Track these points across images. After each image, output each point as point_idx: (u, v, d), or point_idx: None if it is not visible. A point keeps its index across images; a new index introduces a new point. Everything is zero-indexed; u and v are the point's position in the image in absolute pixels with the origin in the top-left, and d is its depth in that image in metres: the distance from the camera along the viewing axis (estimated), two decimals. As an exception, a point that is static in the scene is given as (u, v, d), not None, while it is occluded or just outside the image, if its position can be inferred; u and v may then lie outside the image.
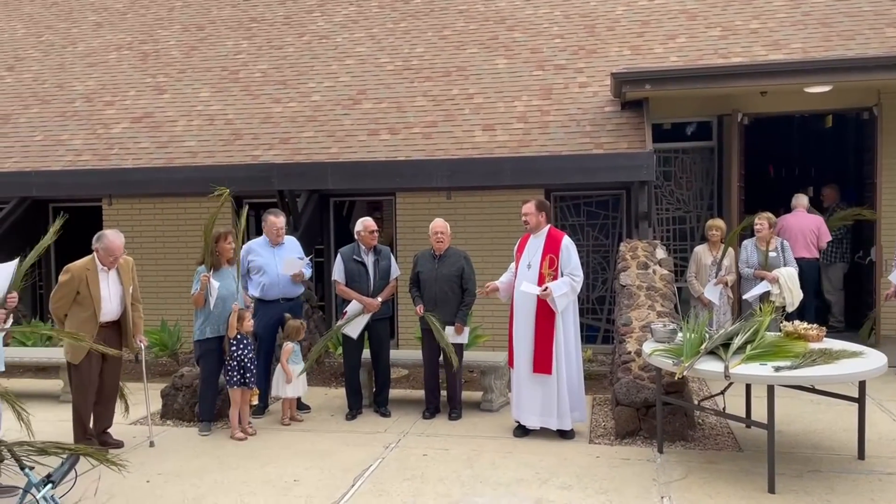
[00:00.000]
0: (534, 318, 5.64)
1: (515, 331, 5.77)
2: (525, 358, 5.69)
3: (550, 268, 5.65)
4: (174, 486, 4.84)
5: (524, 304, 5.70)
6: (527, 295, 5.65)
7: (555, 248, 5.69)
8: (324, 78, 10.30)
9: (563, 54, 9.99)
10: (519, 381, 5.75)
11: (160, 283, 9.61)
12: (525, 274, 5.72)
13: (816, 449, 5.31)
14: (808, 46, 9.04)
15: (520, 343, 5.72)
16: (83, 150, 9.53)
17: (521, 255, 5.86)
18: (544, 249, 5.71)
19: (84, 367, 5.45)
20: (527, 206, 5.82)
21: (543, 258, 5.68)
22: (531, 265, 5.71)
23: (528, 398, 5.69)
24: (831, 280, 8.98)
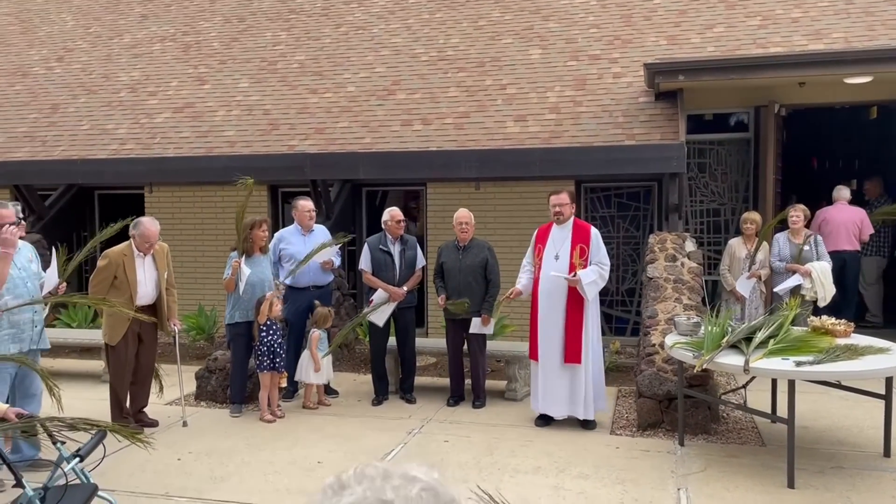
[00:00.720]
0: (564, 307, 5.66)
1: (542, 322, 5.76)
2: (555, 348, 5.70)
3: (581, 257, 5.68)
4: (203, 465, 5.03)
5: (553, 294, 5.71)
6: (556, 285, 5.66)
7: (585, 238, 5.73)
8: (359, 69, 10.42)
9: (599, 44, 9.92)
10: (545, 372, 5.75)
11: (198, 268, 9.88)
12: (553, 264, 5.73)
13: (841, 445, 5.25)
14: (851, 36, 8.81)
15: (547, 333, 5.72)
16: (127, 139, 9.83)
17: (543, 247, 5.85)
18: (573, 239, 5.73)
19: (121, 348, 5.68)
20: (560, 198, 5.82)
21: (573, 248, 5.70)
22: (559, 256, 5.73)
23: (556, 389, 5.71)
24: (865, 274, 8.79)
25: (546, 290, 5.74)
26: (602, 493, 4.48)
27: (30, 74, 12.13)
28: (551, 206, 5.84)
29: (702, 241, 9.01)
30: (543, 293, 5.75)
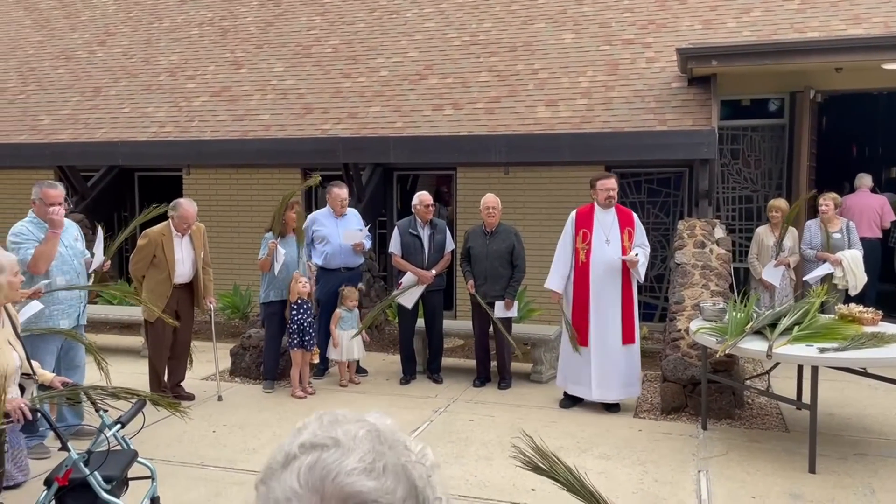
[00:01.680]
0: (620, 289, 5.77)
1: (596, 305, 5.75)
2: (613, 330, 5.75)
3: (629, 241, 5.84)
4: (236, 437, 5.24)
5: (607, 277, 5.76)
6: (610, 268, 5.75)
7: (630, 222, 5.91)
8: (392, 53, 10.51)
9: (632, 29, 9.86)
10: (601, 355, 5.73)
11: (234, 249, 10.13)
12: (605, 248, 5.78)
13: (866, 433, 5.25)
14: (891, 20, 8.63)
15: (604, 317, 5.75)
16: (166, 122, 10.08)
17: (589, 231, 5.84)
18: (620, 224, 5.85)
19: (159, 325, 5.90)
20: (612, 182, 5.92)
21: (622, 232, 5.82)
22: (610, 240, 5.80)
23: (613, 372, 5.73)
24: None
25: (599, 274, 5.77)
26: (623, 473, 4.57)
27: (73, 58, 12.46)
28: (604, 191, 5.85)
29: (733, 228, 8.96)
30: (596, 277, 5.78)
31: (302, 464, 0.75)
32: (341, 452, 0.75)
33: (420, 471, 0.78)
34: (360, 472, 0.73)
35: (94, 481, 3.05)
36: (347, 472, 0.73)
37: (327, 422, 0.80)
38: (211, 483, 4.44)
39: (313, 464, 0.75)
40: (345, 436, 0.77)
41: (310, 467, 0.74)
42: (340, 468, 0.73)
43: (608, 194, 5.84)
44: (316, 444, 0.77)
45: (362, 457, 0.75)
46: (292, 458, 0.77)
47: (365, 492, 0.72)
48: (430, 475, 0.79)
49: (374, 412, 0.84)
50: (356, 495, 0.72)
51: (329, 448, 0.76)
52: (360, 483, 0.72)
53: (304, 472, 0.74)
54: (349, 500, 0.72)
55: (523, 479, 4.48)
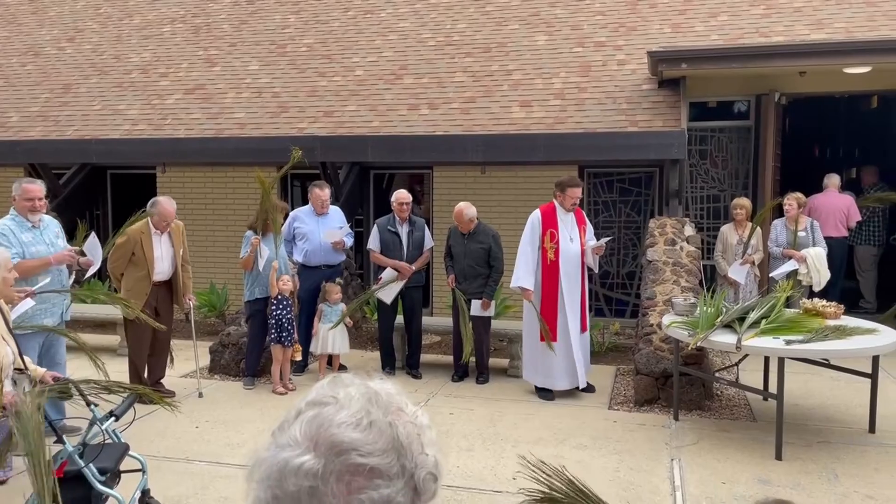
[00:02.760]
0: (580, 281, 6.25)
1: (566, 300, 6.12)
2: (575, 321, 6.17)
3: (584, 237, 6.31)
4: (219, 432, 5.29)
5: (573, 273, 6.19)
6: (574, 265, 6.17)
7: (584, 221, 6.40)
8: (367, 52, 10.58)
9: (604, 31, 10.06)
10: (567, 346, 6.09)
11: (209, 247, 10.11)
12: (570, 246, 6.19)
13: (829, 422, 5.49)
14: (852, 26, 8.96)
15: (571, 310, 6.15)
16: (139, 120, 10.02)
17: (556, 231, 6.17)
18: (578, 223, 6.30)
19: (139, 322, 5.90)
20: (580, 191, 6.33)
21: (580, 230, 6.29)
22: (573, 238, 6.22)
23: (581, 358, 6.16)
24: (860, 261, 9.02)
25: (567, 270, 6.17)
26: (599, 462, 4.73)
27: (41, 54, 12.30)
28: (572, 198, 6.22)
29: (701, 227, 9.21)
30: (565, 273, 6.16)
31: (305, 416, 0.88)
32: (337, 408, 0.87)
33: (409, 429, 0.88)
34: (348, 426, 0.85)
35: (90, 473, 3.10)
36: (338, 424, 0.85)
37: (332, 383, 0.92)
38: (197, 477, 4.49)
39: (313, 417, 0.87)
40: (344, 395, 0.89)
41: (310, 420, 0.87)
42: (332, 421, 0.85)
43: (574, 201, 6.26)
44: (319, 402, 0.89)
45: (353, 413, 0.86)
46: (300, 412, 0.89)
47: (347, 441, 0.84)
48: (419, 433, 0.89)
49: (379, 377, 0.96)
50: (340, 444, 0.84)
51: (328, 405, 0.88)
52: (346, 434, 0.84)
53: (304, 424, 0.87)
54: (334, 448, 0.84)
55: (504, 468, 4.63)
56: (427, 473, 0.86)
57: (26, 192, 4.88)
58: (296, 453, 0.84)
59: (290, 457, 0.83)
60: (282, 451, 0.85)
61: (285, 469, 0.83)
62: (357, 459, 0.83)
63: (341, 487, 0.82)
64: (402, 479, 0.85)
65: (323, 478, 0.82)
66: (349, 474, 0.83)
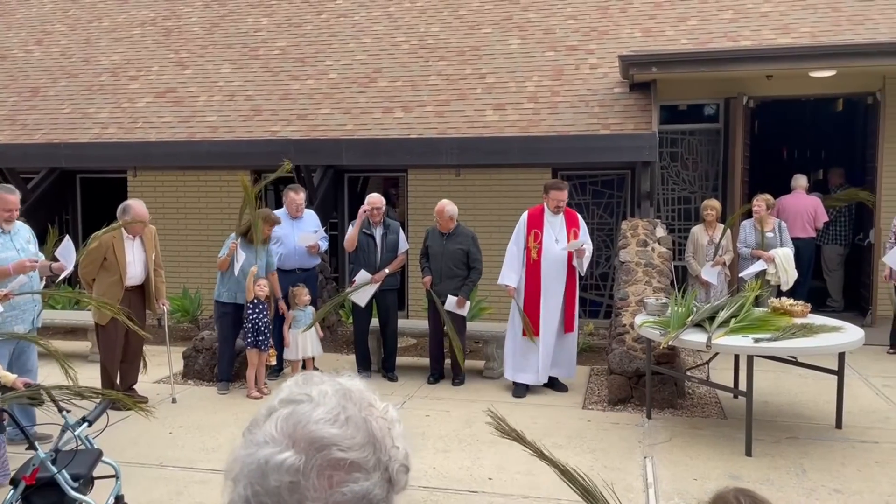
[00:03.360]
0: (565, 282, 6.31)
1: (546, 298, 6.27)
2: (554, 321, 6.28)
3: (575, 240, 6.37)
4: (194, 438, 5.25)
5: (558, 272, 6.28)
6: (557, 265, 6.26)
7: (576, 224, 6.44)
8: (341, 56, 10.57)
9: (576, 35, 10.17)
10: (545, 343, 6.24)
11: (181, 252, 10.02)
12: (554, 247, 6.28)
13: (797, 418, 5.61)
14: (818, 31, 9.16)
15: (550, 309, 6.27)
16: (109, 124, 9.91)
17: (540, 231, 6.32)
18: (567, 225, 6.37)
19: (111, 327, 5.85)
20: (564, 194, 6.41)
21: (569, 232, 6.34)
22: (558, 240, 6.32)
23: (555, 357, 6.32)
24: (827, 261, 9.22)
25: (549, 270, 6.27)
26: (574, 461, 4.76)
27: (8, 57, 12.11)
28: (555, 201, 6.32)
29: (673, 228, 9.34)
30: (547, 273, 6.28)
31: (280, 414, 0.89)
32: (312, 405, 0.89)
33: (381, 423, 0.91)
34: (325, 422, 0.87)
35: (62, 479, 3.07)
36: (315, 420, 0.87)
37: (304, 381, 0.94)
38: (171, 482, 4.46)
39: (289, 414, 0.89)
40: (318, 393, 0.91)
41: (285, 417, 0.89)
42: (310, 418, 0.88)
43: (557, 203, 6.35)
44: (292, 399, 0.91)
45: (329, 409, 0.88)
46: (273, 410, 0.91)
47: (328, 437, 0.86)
48: (390, 427, 0.92)
49: (347, 374, 0.98)
50: (320, 439, 0.86)
51: (303, 402, 0.90)
52: (325, 430, 0.86)
53: (280, 421, 0.89)
54: (314, 444, 0.86)
55: (480, 469, 4.66)
56: (400, 465, 0.89)
57: (4, 202, 4.82)
58: (276, 450, 0.85)
59: (271, 453, 0.85)
60: (261, 448, 0.86)
61: (266, 466, 0.85)
62: (337, 454, 0.85)
63: (322, 482, 0.84)
64: (378, 472, 0.87)
65: (304, 473, 0.84)
66: (330, 468, 0.85)
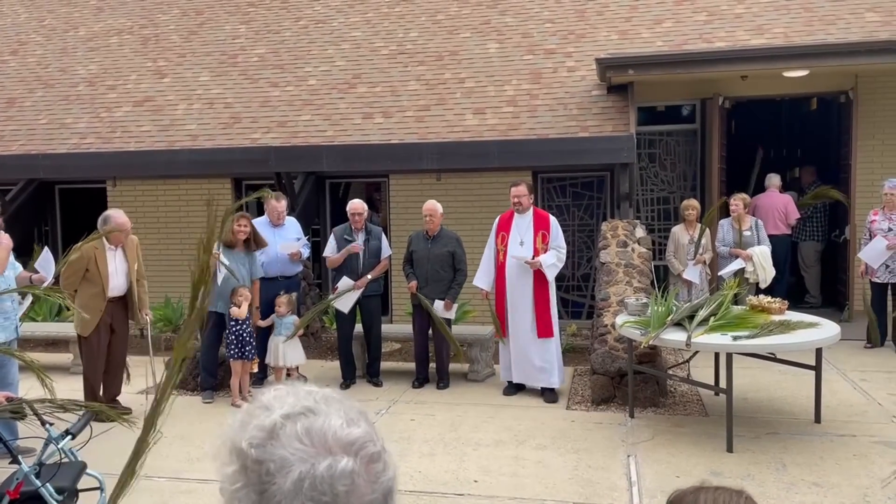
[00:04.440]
0: (531, 288, 6.22)
1: (510, 301, 6.27)
2: (526, 325, 6.24)
3: (543, 243, 6.26)
4: (179, 448, 5.24)
5: (519, 275, 6.24)
6: (522, 267, 6.20)
7: (545, 226, 6.33)
8: (320, 62, 10.58)
9: (554, 39, 10.26)
10: (517, 347, 6.26)
11: (162, 261, 9.97)
12: (518, 250, 6.26)
13: (777, 414, 5.69)
14: (791, 31, 9.31)
15: (517, 312, 6.25)
16: (87, 134, 9.85)
17: (507, 234, 6.33)
18: (535, 227, 6.29)
19: (93, 339, 5.82)
20: (520, 189, 6.33)
21: (536, 234, 6.25)
22: (524, 242, 6.27)
23: (528, 362, 6.24)
24: (804, 258, 9.37)
25: (512, 272, 6.26)
26: (558, 461, 4.83)
27: (-17, 68, 11.99)
28: (512, 197, 6.29)
29: (652, 228, 9.44)
30: (510, 275, 6.27)
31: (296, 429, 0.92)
32: (324, 415, 0.93)
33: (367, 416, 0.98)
34: (347, 425, 0.93)
35: (47, 493, 3.07)
36: (340, 426, 0.92)
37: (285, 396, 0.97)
38: (157, 493, 4.45)
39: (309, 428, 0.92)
40: (314, 404, 0.95)
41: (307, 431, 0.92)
42: (333, 426, 0.92)
43: (514, 200, 6.36)
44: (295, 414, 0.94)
45: (340, 414, 0.94)
46: (280, 427, 0.93)
47: (358, 436, 0.92)
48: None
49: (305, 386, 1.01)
50: (355, 440, 0.92)
51: (309, 416, 0.93)
52: (354, 432, 0.92)
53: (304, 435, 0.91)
54: (350, 446, 0.91)
55: (465, 472, 4.69)
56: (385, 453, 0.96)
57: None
58: (330, 461, 0.89)
59: (331, 464, 0.89)
60: (318, 461, 0.89)
61: (330, 476, 0.89)
62: (371, 448, 0.93)
63: (370, 476, 0.91)
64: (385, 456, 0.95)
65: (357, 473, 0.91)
66: (371, 462, 0.92)
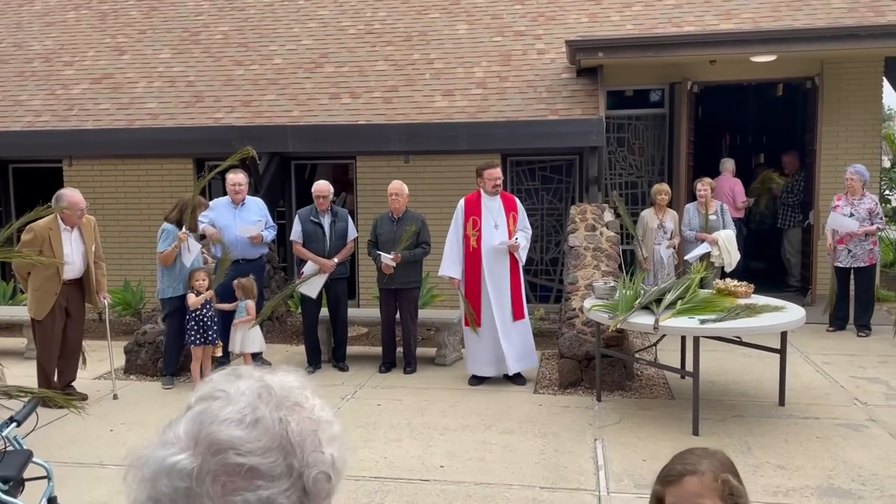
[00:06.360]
0: (509, 271, 6.14)
1: (490, 287, 6.10)
2: (504, 310, 6.12)
3: (514, 224, 6.20)
4: (137, 435, 5.08)
5: (498, 260, 6.12)
6: (499, 252, 6.10)
7: (514, 208, 6.27)
8: (286, 41, 10.34)
9: (523, 21, 10.15)
10: (494, 334, 6.07)
11: (122, 243, 9.71)
12: (494, 233, 6.13)
13: (742, 397, 5.72)
14: (758, 16, 9.33)
15: (497, 297, 6.11)
16: (42, 111, 9.51)
17: (479, 218, 6.17)
18: (506, 209, 6.20)
19: (48, 322, 5.62)
20: (499, 171, 6.27)
21: (508, 216, 6.17)
22: (498, 225, 6.15)
23: (509, 346, 6.09)
24: (791, 243, 9.51)
25: (490, 257, 6.13)
26: (526, 445, 4.78)
27: (-68, 42, 11.49)
28: (492, 180, 6.19)
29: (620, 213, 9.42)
30: (488, 260, 6.13)
31: (193, 412, 0.83)
32: (224, 403, 0.82)
33: (304, 426, 0.82)
34: (230, 422, 0.80)
35: (-10, 483, 2.92)
36: (221, 420, 0.80)
37: (227, 376, 0.87)
38: (112, 482, 4.30)
39: (199, 413, 0.82)
40: (235, 390, 0.83)
41: (195, 416, 0.82)
42: (216, 417, 0.80)
43: (495, 183, 6.20)
44: (208, 396, 0.84)
45: (239, 409, 0.81)
46: (188, 407, 0.84)
47: (226, 439, 0.79)
48: (316, 429, 0.84)
49: (284, 369, 0.90)
50: (219, 442, 0.79)
51: (217, 399, 0.83)
52: (226, 431, 0.79)
53: (189, 420, 0.82)
54: (212, 446, 0.79)
55: (431, 457, 4.62)
56: (319, 473, 0.81)
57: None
58: (171, 452, 0.79)
59: (166, 455, 0.79)
60: (160, 449, 0.80)
61: (160, 469, 0.78)
62: (235, 459, 0.78)
63: (217, 489, 0.77)
64: (287, 480, 0.80)
65: (198, 478, 0.77)
66: (225, 475, 0.78)
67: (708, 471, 1.46)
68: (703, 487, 1.44)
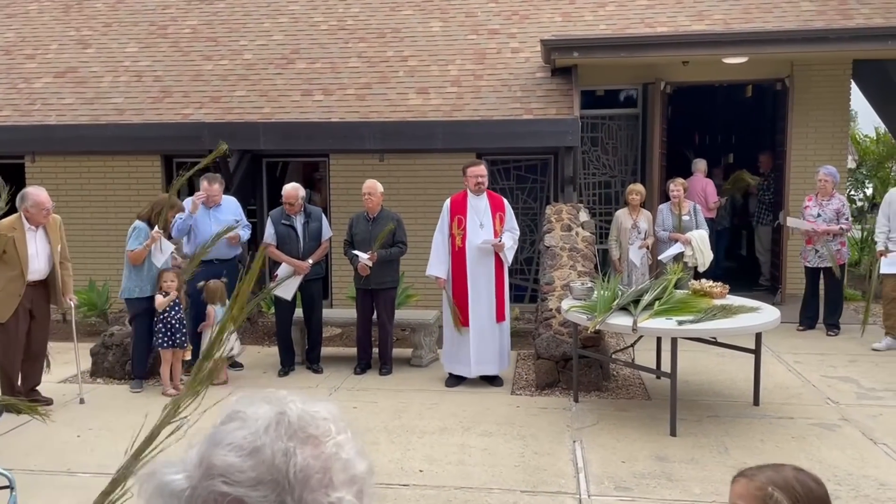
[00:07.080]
0: (493, 271, 6.08)
1: (474, 287, 6.05)
2: (486, 310, 6.06)
3: (500, 224, 6.14)
4: (105, 440, 4.94)
5: (482, 260, 6.06)
6: (485, 251, 6.04)
7: (501, 207, 6.21)
8: (256, 36, 10.17)
9: (498, 19, 10.12)
10: (479, 334, 6.03)
11: (87, 242, 9.46)
12: (479, 233, 6.06)
13: (718, 397, 5.77)
14: (729, 18, 9.41)
15: (479, 297, 6.05)
16: (3, 105, 9.21)
17: (464, 217, 6.10)
18: (492, 209, 6.14)
19: (11, 325, 5.43)
20: (481, 169, 6.19)
21: (494, 216, 6.11)
22: (483, 224, 6.09)
23: (488, 348, 6.05)
24: (762, 241, 9.62)
25: (474, 257, 6.06)
26: (505, 448, 4.75)
27: None
28: (474, 178, 6.12)
29: (594, 212, 9.46)
30: (472, 260, 6.07)
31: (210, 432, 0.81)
32: (238, 426, 0.79)
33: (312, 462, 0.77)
34: (231, 447, 0.76)
35: (-47, 498, 2.79)
36: (224, 444, 0.77)
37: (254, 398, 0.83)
38: (81, 490, 4.17)
39: (214, 433, 0.80)
40: (252, 413, 0.80)
41: (210, 435, 0.80)
42: (222, 440, 0.77)
43: (477, 180, 6.13)
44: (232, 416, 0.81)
45: (245, 435, 0.77)
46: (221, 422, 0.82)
47: (219, 465, 0.75)
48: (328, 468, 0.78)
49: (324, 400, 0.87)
50: (213, 467, 0.76)
51: (234, 421, 0.80)
52: (223, 457, 0.76)
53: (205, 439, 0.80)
54: (208, 470, 0.76)
55: (410, 461, 4.57)
56: None
57: None
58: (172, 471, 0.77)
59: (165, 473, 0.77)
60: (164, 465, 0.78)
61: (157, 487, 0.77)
62: (220, 487, 0.74)
63: None
64: None
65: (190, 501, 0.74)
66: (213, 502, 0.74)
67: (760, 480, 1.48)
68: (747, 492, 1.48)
